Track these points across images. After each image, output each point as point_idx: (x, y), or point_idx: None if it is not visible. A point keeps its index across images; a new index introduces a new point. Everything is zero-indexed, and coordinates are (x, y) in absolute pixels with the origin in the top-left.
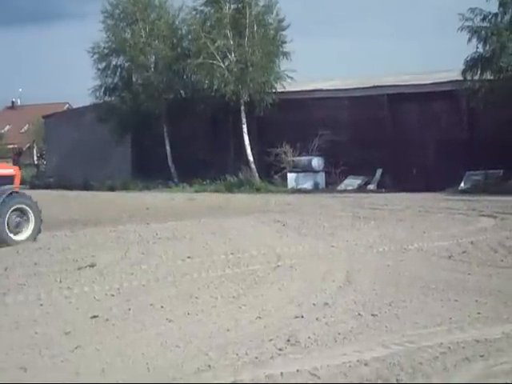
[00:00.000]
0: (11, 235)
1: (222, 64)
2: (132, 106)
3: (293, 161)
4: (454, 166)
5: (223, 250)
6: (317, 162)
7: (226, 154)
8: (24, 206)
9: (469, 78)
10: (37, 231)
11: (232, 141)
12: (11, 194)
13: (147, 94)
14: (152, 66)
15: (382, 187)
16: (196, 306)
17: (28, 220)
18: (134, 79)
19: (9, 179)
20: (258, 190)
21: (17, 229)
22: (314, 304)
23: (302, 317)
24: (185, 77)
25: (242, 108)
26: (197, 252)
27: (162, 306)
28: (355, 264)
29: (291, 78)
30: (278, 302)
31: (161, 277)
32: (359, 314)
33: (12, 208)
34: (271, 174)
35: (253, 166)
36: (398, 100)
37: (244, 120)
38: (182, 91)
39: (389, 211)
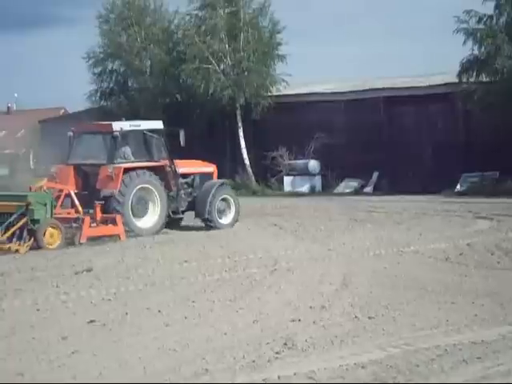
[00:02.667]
0: (219, 219)
1: (217, 68)
2: (128, 110)
3: (289, 164)
4: (451, 169)
5: (220, 254)
6: (313, 165)
7: (222, 158)
8: (228, 196)
9: (464, 80)
10: (236, 218)
11: (228, 144)
12: (221, 185)
13: (143, 99)
14: (148, 70)
15: (378, 190)
16: (193, 310)
17: (230, 207)
18: (129, 84)
19: (210, 175)
20: (254, 194)
21: (221, 214)
22: (310, 307)
23: (299, 320)
24: (181, 81)
25: (238, 112)
26: (193, 256)
27: (158, 310)
28: (352, 267)
29: (286, 82)
30: (274, 305)
31: (157, 281)
32: (356, 317)
33: (220, 197)
34: (268, 177)
35: (249, 169)
36: (393, 103)
37: (240, 124)
38: (177, 95)
39: (385, 214)
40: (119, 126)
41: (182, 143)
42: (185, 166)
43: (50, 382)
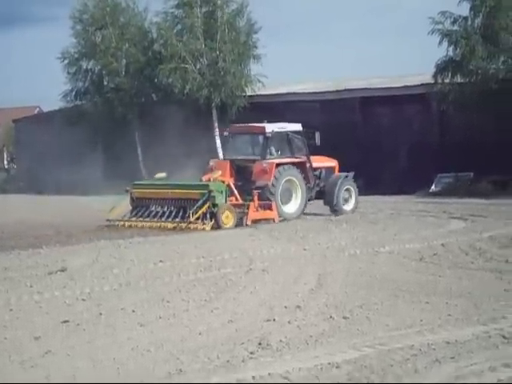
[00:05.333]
0: (343, 206)
1: (194, 68)
2: (103, 110)
3: None
4: (426, 169)
5: (195, 254)
6: None
7: (198, 158)
8: (350, 187)
9: (440, 81)
10: (356, 205)
11: (204, 144)
12: (345, 177)
13: (119, 98)
14: (123, 70)
15: None
16: (168, 310)
17: (351, 196)
18: (105, 83)
19: (333, 169)
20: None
21: (345, 202)
22: (285, 307)
23: (274, 320)
24: (156, 80)
25: (214, 112)
26: (168, 256)
27: (133, 311)
28: (327, 267)
29: (262, 82)
30: (249, 305)
31: (132, 281)
32: (331, 317)
33: (344, 188)
34: None
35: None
36: (369, 103)
37: (216, 124)
38: (153, 95)
39: (361, 214)
40: (271, 128)
41: (317, 142)
42: (314, 161)
43: (22, 382)
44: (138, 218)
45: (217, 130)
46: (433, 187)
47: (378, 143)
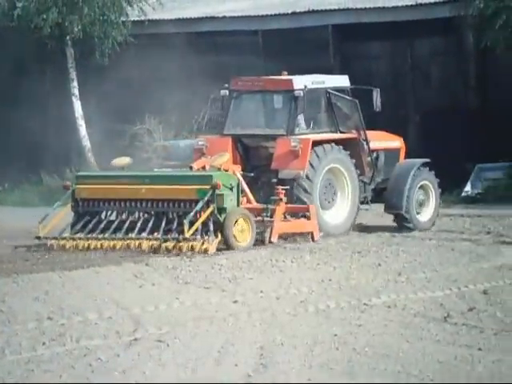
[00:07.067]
0: (417, 215)
1: None
2: None
3: (164, 147)
4: (454, 156)
5: (33, 312)
6: None
7: (41, 133)
8: (427, 183)
9: None
10: (437, 213)
11: (53, 109)
12: (422, 166)
13: None
14: None
15: None
16: None
17: (429, 198)
18: None
19: (397, 152)
20: None
21: (420, 208)
22: None
23: None
24: None
25: (71, 52)
26: None
27: None
28: (275, 335)
29: None
30: None
31: None
32: None
33: (419, 184)
34: None
35: (90, 155)
36: (352, 36)
37: (73, 73)
38: None
39: (337, 237)
40: (301, 82)
41: (375, 107)
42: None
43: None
44: (86, 234)
45: (75, 83)
46: (468, 188)
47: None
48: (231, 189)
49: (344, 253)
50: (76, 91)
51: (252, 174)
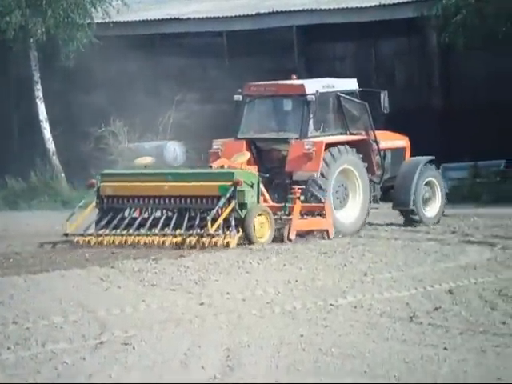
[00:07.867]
0: (424, 210)
1: None
2: None
3: (129, 149)
4: (418, 155)
5: None
6: (172, 150)
7: (5, 140)
8: (433, 179)
9: None
10: (443, 209)
11: (16, 112)
12: (428, 163)
13: None
14: None
15: None
16: None
17: (435, 194)
18: None
19: (403, 151)
20: (66, 204)
21: (426, 204)
22: None
23: None
24: None
25: (34, 54)
26: None
27: None
28: (241, 336)
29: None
30: None
31: None
32: None
33: (425, 181)
34: (90, 173)
35: (54, 159)
36: (316, 37)
37: (37, 76)
38: None
39: (301, 237)
40: (313, 86)
41: (382, 109)
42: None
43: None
44: (110, 230)
45: (39, 86)
46: None
47: None
48: (251, 186)
49: (310, 254)
50: (40, 94)
51: (267, 175)
